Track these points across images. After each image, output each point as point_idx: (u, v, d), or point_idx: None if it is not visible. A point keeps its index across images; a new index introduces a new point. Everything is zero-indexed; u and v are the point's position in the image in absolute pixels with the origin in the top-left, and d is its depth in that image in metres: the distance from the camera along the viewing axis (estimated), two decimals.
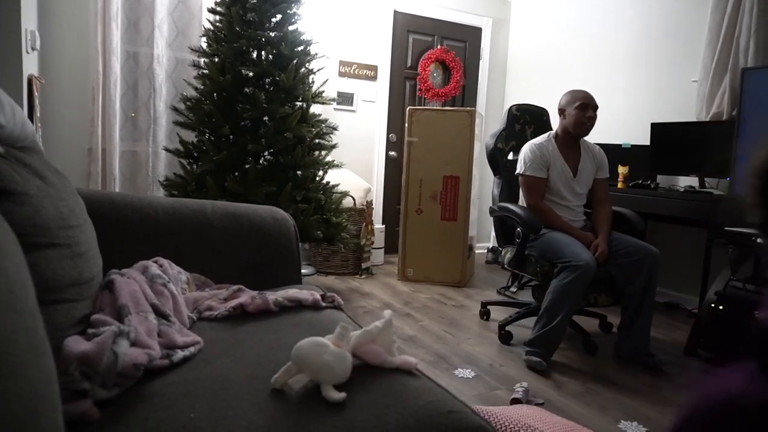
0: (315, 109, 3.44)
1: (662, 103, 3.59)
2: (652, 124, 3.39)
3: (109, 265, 1.28)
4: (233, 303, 1.32)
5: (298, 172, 3.15)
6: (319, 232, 3.09)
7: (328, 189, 3.30)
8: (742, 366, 0.60)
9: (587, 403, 2.08)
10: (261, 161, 3.13)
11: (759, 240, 1.16)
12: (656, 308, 2.79)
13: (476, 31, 4.84)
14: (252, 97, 2.96)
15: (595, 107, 2.61)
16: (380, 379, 0.96)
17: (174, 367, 1.02)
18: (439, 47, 4.61)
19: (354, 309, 3.11)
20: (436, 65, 4.56)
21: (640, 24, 3.77)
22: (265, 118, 3.04)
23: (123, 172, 3.54)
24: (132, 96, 3.57)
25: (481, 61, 4.90)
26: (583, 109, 2.58)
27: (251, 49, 3.07)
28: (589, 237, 2.57)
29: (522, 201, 2.75)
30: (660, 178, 3.44)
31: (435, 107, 3.99)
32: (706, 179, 3.17)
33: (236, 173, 3.00)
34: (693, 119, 3.29)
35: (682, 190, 3.13)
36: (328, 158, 3.34)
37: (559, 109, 2.67)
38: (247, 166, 2.98)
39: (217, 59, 3.02)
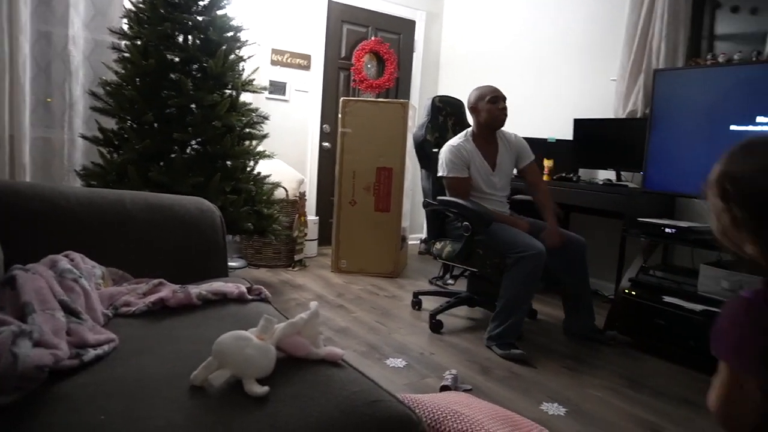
0: (246, 97, 3.34)
1: (584, 100, 3.77)
2: (575, 120, 3.56)
3: (14, 260, 1.19)
4: (153, 298, 1.27)
5: (228, 162, 3.05)
6: (249, 224, 3.02)
7: (259, 180, 3.23)
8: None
9: (512, 387, 2.16)
10: (188, 150, 3.01)
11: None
12: None
13: (410, 24, 4.88)
14: (178, 83, 2.83)
15: (504, 99, 2.72)
16: (305, 371, 0.95)
17: (85, 368, 0.96)
18: (373, 38, 4.60)
19: (286, 302, 3.07)
20: (370, 56, 4.56)
21: (565, 23, 3.94)
22: (192, 106, 2.92)
23: (35, 161, 3.29)
24: (44, 79, 3.32)
25: (414, 54, 4.94)
26: (494, 102, 2.68)
27: (177, 33, 2.93)
28: (523, 222, 2.67)
29: None
30: (582, 172, 3.62)
31: (369, 98, 3.99)
32: (622, 173, 3.36)
33: (161, 163, 2.87)
34: (612, 116, 3.48)
35: (601, 183, 3.32)
36: (259, 148, 3.26)
37: (471, 107, 2.76)
38: (173, 156, 2.86)
39: (139, 42, 2.87)
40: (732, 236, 0.80)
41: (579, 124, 3.54)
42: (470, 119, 3.15)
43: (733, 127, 2.56)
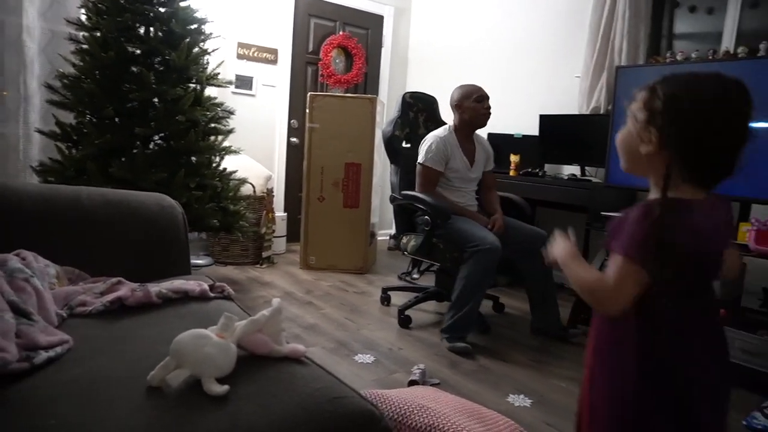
0: (211, 91, 3.27)
1: (550, 96, 3.82)
2: (541, 116, 3.61)
3: None
4: (110, 297, 1.23)
5: (192, 158, 2.99)
6: (215, 221, 2.96)
7: (225, 176, 3.17)
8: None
9: (480, 380, 2.19)
10: (151, 146, 2.93)
11: None
12: None
13: (378, 19, 4.86)
14: (139, 76, 2.75)
15: (488, 98, 2.75)
16: (266, 369, 0.93)
17: (36, 371, 0.93)
18: (341, 33, 4.57)
19: (254, 299, 3.03)
20: (338, 51, 4.53)
21: (531, 20, 3.98)
22: (155, 100, 2.84)
23: None
24: None
25: (383, 49, 4.93)
26: (480, 101, 2.72)
27: (138, 25, 2.85)
28: (483, 218, 2.72)
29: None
30: (547, 167, 3.68)
31: (337, 94, 3.96)
32: (586, 168, 3.43)
33: (123, 158, 2.78)
34: (576, 112, 3.54)
35: (566, 178, 3.38)
36: (225, 144, 3.20)
37: (455, 105, 2.77)
38: (135, 151, 2.78)
39: (98, 33, 2.77)
40: (636, 137, 0.96)
41: (544, 120, 3.60)
42: (444, 115, 3.17)
43: None
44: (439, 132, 2.79)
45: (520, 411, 1.94)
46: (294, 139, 4.48)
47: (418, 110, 3.18)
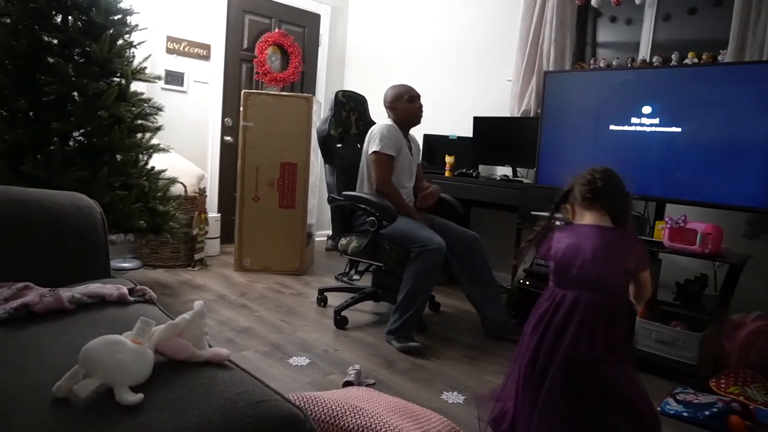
0: (138, 87, 3.12)
1: (483, 99, 3.92)
2: (474, 118, 3.69)
3: None
4: (15, 303, 1.14)
5: (117, 156, 2.84)
6: (142, 222, 2.83)
7: (153, 175, 3.03)
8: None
9: (415, 378, 2.20)
10: (70, 143, 2.76)
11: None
12: None
13: (315, 18, 4.82)
14: (56, 68, 2.58)
15: (420, 97, 2.83)
16: (185, 375, 0.89)
17: None
18: (277, 30, 4.48)
19: (184, 303, 2.91)
20: (274, 49, 4.43)
21: (466, 25, 4.07)
22: (75, 94, 2.68)
23: None
24: None
25: (320, 48, 4.89)
26: (411, 101, 2.75)
27: (54, 13, 2.67)
28: (424, 218, 2.76)
29: (362, 186, 2.81)
30: (481, 168, 3.77)
31: (272, 92, 3.88)
32: (518, 169, 3.55)
33: (38, 156, 2.60)
34: (508, 114, 3.65)
35: (499, 178, 3.47)
36: (153, 141, 3.07)
37: (389, 105, 2.80)
38: (52, 148, 2.60)
39: (8, 20, 2.58)
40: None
41: (478, 122, 3.68)
42: (374, 115, 3.18)
43: (612, 127, 2.78)
44: (387, 122, 2.82)
45: (454, 408, 1.97)
46: (228, 138, 4.36)
47: (351, 109, 3.16)
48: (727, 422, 1.94)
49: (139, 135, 2.97)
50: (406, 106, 2.75)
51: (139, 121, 2.95)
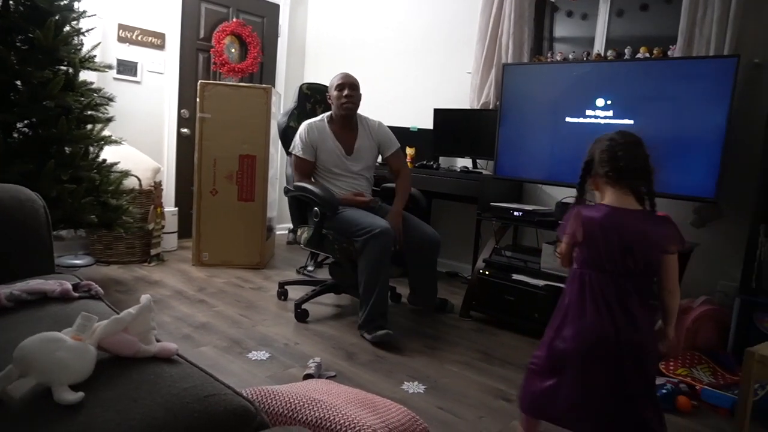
0: (88, 76, 3.01)
1: (444, 91, 3.94)
2: (435, 110, 3.71)
3: None
4: None
5: (66, 148, 2.73)
6: (93, 217, 2.73)
7: (105, 168, 2.93)
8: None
9: (375, 369, 2.21)
10: (14, 134, 2.63)
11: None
12: (439, 277, 3.09)
13: (274, 8, 4.73)
14: None
15: (353, 86, 2.73)
16: (130, 371, 0.86)
17: None
18: (234, 20, 4.38)
19: (139, 300, 2.82)
20: (231, 39, 4.34)
21: (426, 17, 4.07)
22: (18, 83, 2.56)
23: None
24: None
25: (279, 39, 4.81)
26: (340, 90, 2.71)
27: None
28: (359, 199, 2.69)
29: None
30: (442, 160, 3.80)
31: (230, 83, 3.79)
32: (477, 160, 3.58)
33: None
34: (468, 107, 3.68)
35: (459, 170, 3.50)
36: (105, 133, 2.96)
37: (327, 94, 2.79)
38: None
39: None
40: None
41: (438, 114, 3.70)
42: None
43: (568, 119, 2.84)
44: (314, 119, 2.80)
45: (414, 397, 1.98)
46: (185, 130, 4.25)
47: (316, 102, 3.14)
48: (675, 402, 2.01)
49: (89, 126, 2.86)
50: (335, 93, 2.72)
51: (89, 112, 2.84)
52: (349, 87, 2.70)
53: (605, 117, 2.72)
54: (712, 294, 2.71)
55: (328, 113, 2.82)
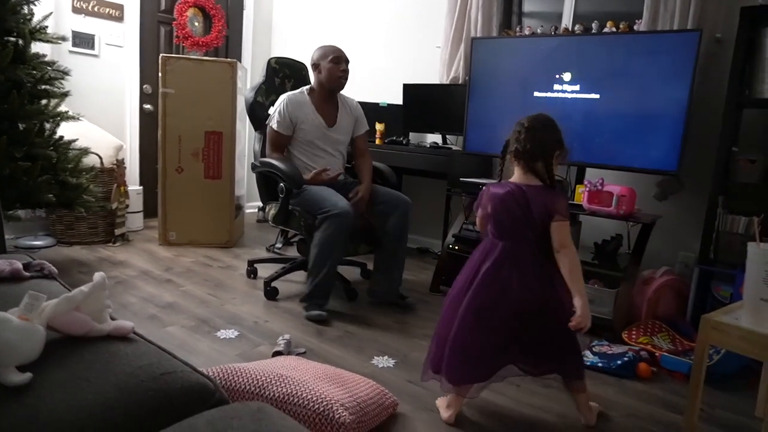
0: (41, 48, 2.87)
1: (414, 66, 3.90)
2: (404, 85, 3.67)
3: None
4: None
5: (19, 125, 2.61)
6: (51, 196, 2.64)
7: (62, 145, 2.82)
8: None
9: (345, 345, 2.21)
10: None
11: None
12: (409, 253, 3.09)
13: None
14: None
15: (347, 61, 2.71)
16: (82, 350, 0.83)
17: None
18: None
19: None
20: (194, 11, 4.18)
21: None
22: None
23: None
24: None
25: (245, 11, 4.67)
26: (336, 62, 2.66)
27: None
28: (324, 177, 2.63)
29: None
30: (412, 135, 3.77)
31: (193, 57, 3.67)
32: (447, 136, 3.57)
33: None
34: (437, 82, 3.65)
35: (429, 146, 3.49)
36: (61, 108, 2.84)
37: (313, 64, 2.71)
38: None
39: None
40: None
41: (408, 90, 3.66)
42: (311, 77, 3.08)
43: (536, 94, 2.84)
44: (294, 92, 2.74)
45: (384, 372, 2.00)
46: (148, 106, 4.11)
47: (285, 76, 3.07)
48: (636, 369, 2.08)
49: (44, 101, 2.74)
50: (328, 66, 2.65)
51: (43, 86, 2.72)
52: (345, 62, 2.69)
53: (572, 92, 2.73)
54: (673, 265, 2.79)
55: (308, 86, 2.76)
